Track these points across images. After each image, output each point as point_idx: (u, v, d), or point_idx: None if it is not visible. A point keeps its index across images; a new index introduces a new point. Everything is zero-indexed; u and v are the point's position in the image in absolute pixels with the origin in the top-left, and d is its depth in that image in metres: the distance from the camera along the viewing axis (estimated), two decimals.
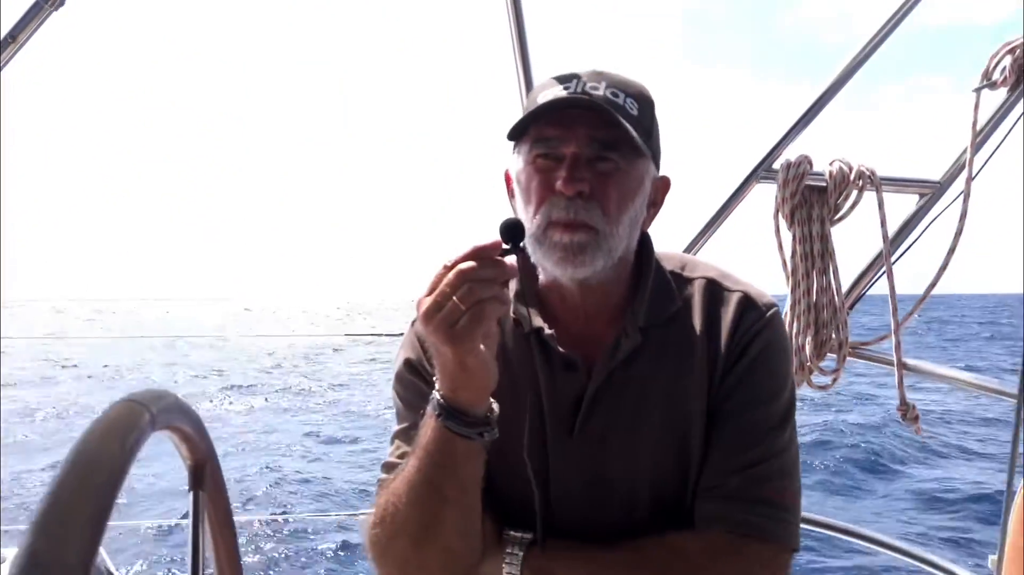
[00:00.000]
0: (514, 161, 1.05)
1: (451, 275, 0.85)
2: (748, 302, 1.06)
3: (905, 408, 2.06)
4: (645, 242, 1.10)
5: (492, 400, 0.96)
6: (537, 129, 1.00)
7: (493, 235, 0.89)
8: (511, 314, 1.07)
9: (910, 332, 2.15)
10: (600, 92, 0.98)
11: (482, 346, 0.89)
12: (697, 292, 1.09)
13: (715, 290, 1.08)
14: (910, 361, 2.05)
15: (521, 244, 0.91)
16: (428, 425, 0.95)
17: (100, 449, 0.39)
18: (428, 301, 0.86)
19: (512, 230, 0.89)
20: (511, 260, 0.89)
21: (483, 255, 0.86)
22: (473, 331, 0.86)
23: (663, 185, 1.09)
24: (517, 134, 1.02)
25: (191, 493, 0.76)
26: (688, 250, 2.06)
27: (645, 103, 1.03)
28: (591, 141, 0.97)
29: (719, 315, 1.06)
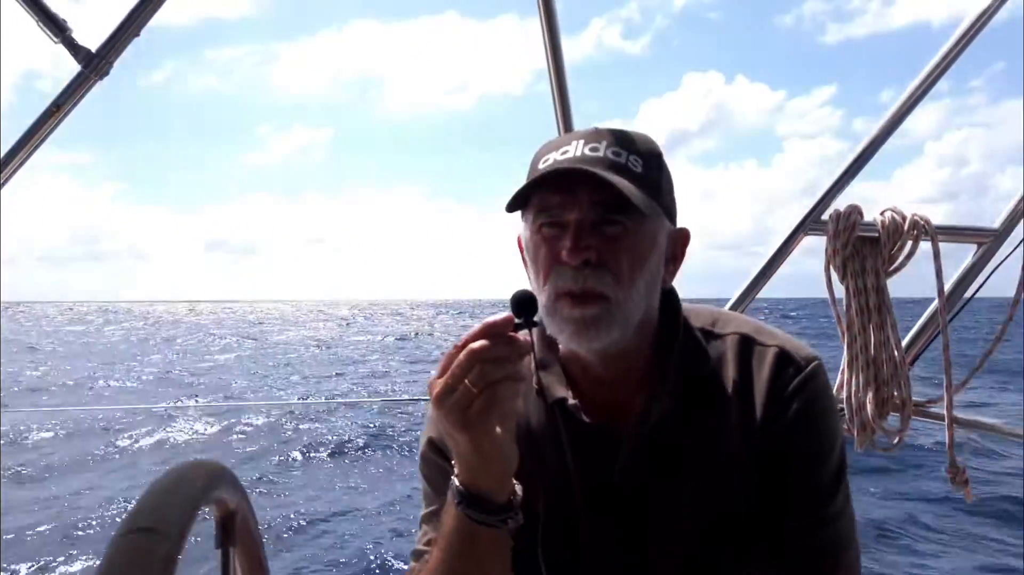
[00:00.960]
0: (523, 228, 1.00)
1: (462, 356, 0.80)
2: (785, 357, 0.99)
3: (955, 471, 1.93)
4: (671, 299, 1.04)
5: (515, 482, 0.90)
6: (539, 197, 0.95)
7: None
8: (533, 384, 1.02)
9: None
10: (601, 153, 0.94)
11: (498, 429, 0.84)
12: (730, 349, 1.02)
13: (749, 346, 1.01)
14: (968, 417, 1.93)
15: (535, 318, 0.87)
16: (449, 513, 0.90)
17: None
18: (440, 383, 0.82)
19: (524, 303, 0.86)
20: (525, 334, 0.85)
21: (495, 332, 0.81)
22: (487, 415, 0.81)
23: (681, 238, 1.03)
24: (519, 204, 0.97)
25: (219, 550, 0.68)
26: (736, 306, 1.99)
27: (650, 158, 0.97)
28: (595, 205, 0.92)
29: (754, 373, 0.99)
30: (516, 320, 0.84)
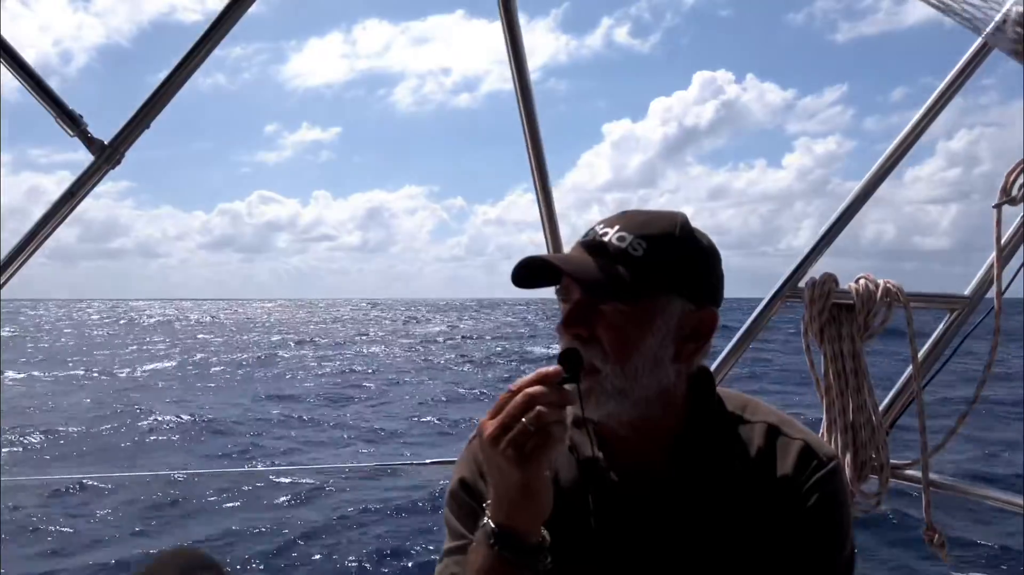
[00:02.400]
0: None
1: (519, 398, 0.88)
2: (808, 452, 1.05)
3: (932, 533, 1.97)
4: (702, 377, 1.09)
5: (543, 530, 0.96)
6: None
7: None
8: (566, 441, 1.08)
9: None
10: (607, 238, 1.01)
11: (546, 471, 0.91)
12: (757, 436, 1.08)
13: (775, 436, 1.07)
14: (945, 480, 1.98)
15: (580, 374, 0.94)
16: (479, 554, 0.94)
17: None
18: (493, 424, 0.89)
19: (571, 359, 0.94)
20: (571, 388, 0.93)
21: (547, 381, 0.90)
22: (541, 454, 0.88)
23: (706, 319, 1.04)
24: (519, 283, 1.04)
25: None
26: (715, 376, 2.05)
27: (660, 241, 1.01)
28: (586, 286, 1.00)
29: (778, 462, 1.05)
30: (564, 374, 0.92)
